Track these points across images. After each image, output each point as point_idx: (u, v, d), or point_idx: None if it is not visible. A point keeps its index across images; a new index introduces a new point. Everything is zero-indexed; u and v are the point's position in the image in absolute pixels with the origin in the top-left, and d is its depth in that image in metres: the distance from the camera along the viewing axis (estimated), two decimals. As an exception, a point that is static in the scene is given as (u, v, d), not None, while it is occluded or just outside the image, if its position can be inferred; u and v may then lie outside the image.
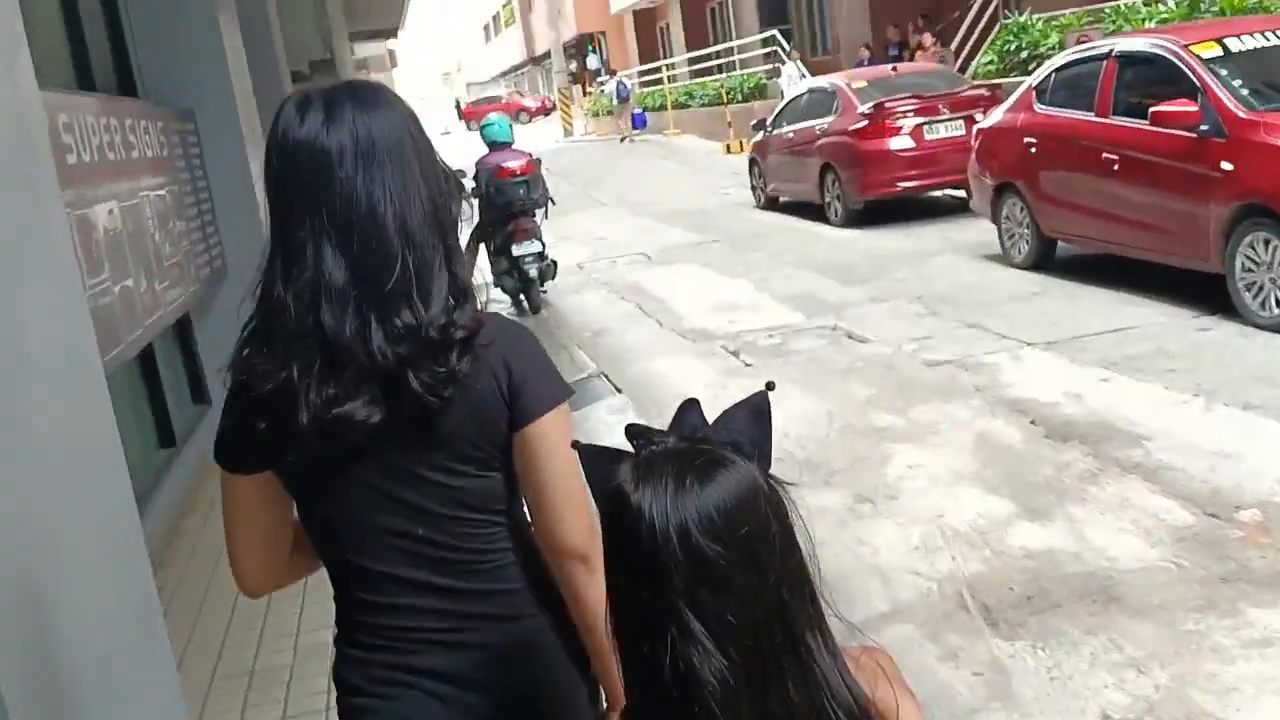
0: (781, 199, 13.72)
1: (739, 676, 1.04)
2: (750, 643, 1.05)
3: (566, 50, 40.34)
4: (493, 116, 9.99)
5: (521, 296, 9.53)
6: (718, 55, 28.98)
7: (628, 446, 1.14)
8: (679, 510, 1.04)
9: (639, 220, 14.68)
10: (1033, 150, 7.96)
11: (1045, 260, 8.16)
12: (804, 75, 20.26)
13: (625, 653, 1.11)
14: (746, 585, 1.05)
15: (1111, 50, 7.25)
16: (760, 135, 14.22)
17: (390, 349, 1.35)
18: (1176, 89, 6.54)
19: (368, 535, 1.48)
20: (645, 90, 31.51)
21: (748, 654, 1.04)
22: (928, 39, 17.70)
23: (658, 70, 32.47)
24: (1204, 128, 6.25)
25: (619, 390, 6.68)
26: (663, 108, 28.14)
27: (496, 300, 9.86)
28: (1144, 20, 11.01)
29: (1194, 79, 6.41)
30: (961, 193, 12.12)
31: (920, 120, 11.21)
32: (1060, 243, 8.07)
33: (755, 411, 1.20)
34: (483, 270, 9.76)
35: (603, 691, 1.58)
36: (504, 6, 57.47)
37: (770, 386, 1.23)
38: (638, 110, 28.41)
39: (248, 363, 1.41)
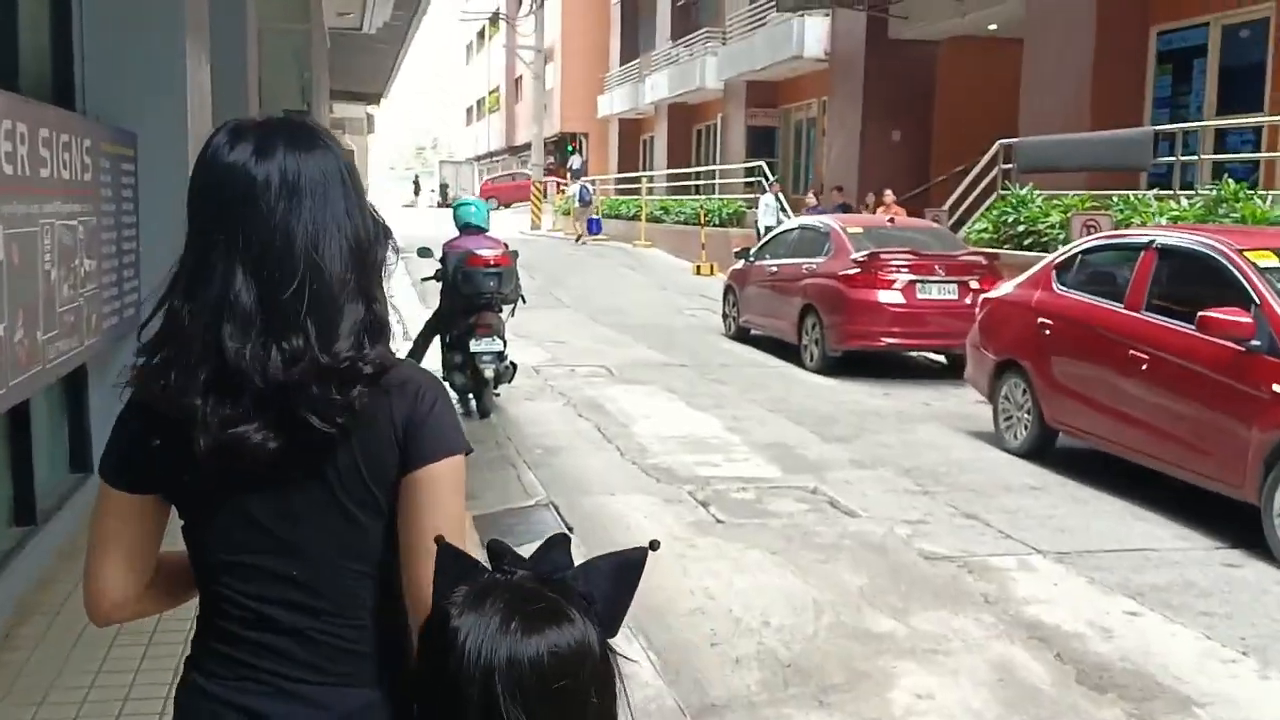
0: (753, 332, 13.12)
1: None
2: None
3: (547, 145, 40.20)
4: (469, 198, 9.28)
5: (471, 396, 8.67)
6: (698, 176, 28.96)
7: None
8: (492, 651, 1.01)
9: (601, 329, 13.97)
10: (1046, 332, 7.38)
11: (1043, 450, 7.52)
12: (782, 208, 20.04)
13: None
14: None
15: (1152, 242, 6.74)
16: (741, 263, 13.68)
17: (282, 372, 1.35)
18: (1223, 295, 6.00)
19: (243, 568, 1.44)
20: (621, 198, 31.27)
21: None
22: (889, 195, 17.52)
23: (636, 180, 32.38)
24: (1255, 343, 5.68)
25: (569, 528, 5.81)
26: (636, 217, 27.81)
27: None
28: (1154, 215, 10.69)
29: (1249, 288, 5.87)
30: (941, 358, 11.70)
31: (914, 277, 10.71)
32: (1061, 434, 7.46)
33: (623, 569, 1.12)
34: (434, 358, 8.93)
35: None
36: (490, 93, 57.69)
37: (654, 546, 1.15)
38: (595, 216, 29.25)
39: (146, 378, 1.40)
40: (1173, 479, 6.36)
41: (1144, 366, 6.40)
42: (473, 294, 8.33)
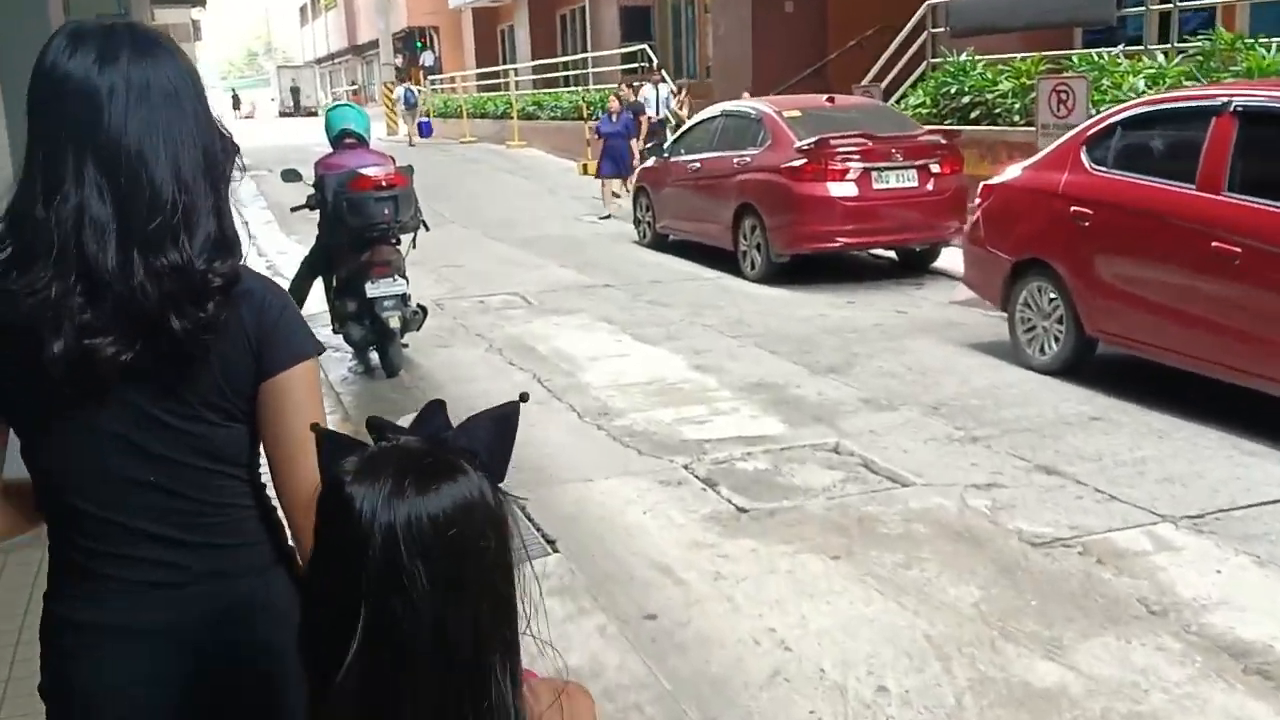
0: (671, 238, 11.59)
1: (410, 690, 1.03)
2: (431, 658, 1.03)
3: (394, 43, 37.15)
4: (344, 102, 7.43)
5: (373, 352, 6.96)
6: (567, 66, 26.88)
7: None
8: (389, 512, 1.03)
9: (500, 247, 12.23)
10: (1083, 223, 6.07)
11: (1078, 365, 6.29)
12: (677, 96, 18.34)
13: (311, 660, 1.08)
14: (442, 599, 1.02)
15: (1228, 104, 5.42)
16: (653, 161, 12.05)
17: (153, 286, 1.34)
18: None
19: (98, 479, 1.42)
20: (486, 95, 28.98)
21: (426, 669, 1.03)
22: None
23: (497, 75, 30.05)
24: None
25: (550, 541, 4.29)
26: (506, 116, 25.68)
27: (339, 349, 7.24)
28: (1126, 75, 9.48)
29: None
30: (890, 253, 10.43)
31: (868, 165, 9.29)
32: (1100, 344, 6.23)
33: (500, 421, 1.15)
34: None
35: None
36: (326, -12, 53.43)
37: (524, 398, 1.18)
38: (424, 119, 28.65)
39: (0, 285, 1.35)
40: (1247, 394, 5.19)
41: (1236, 262, 5.14)
42: (363, 225, 6.54)
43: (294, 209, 7.39)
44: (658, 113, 17.48)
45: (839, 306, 8.62)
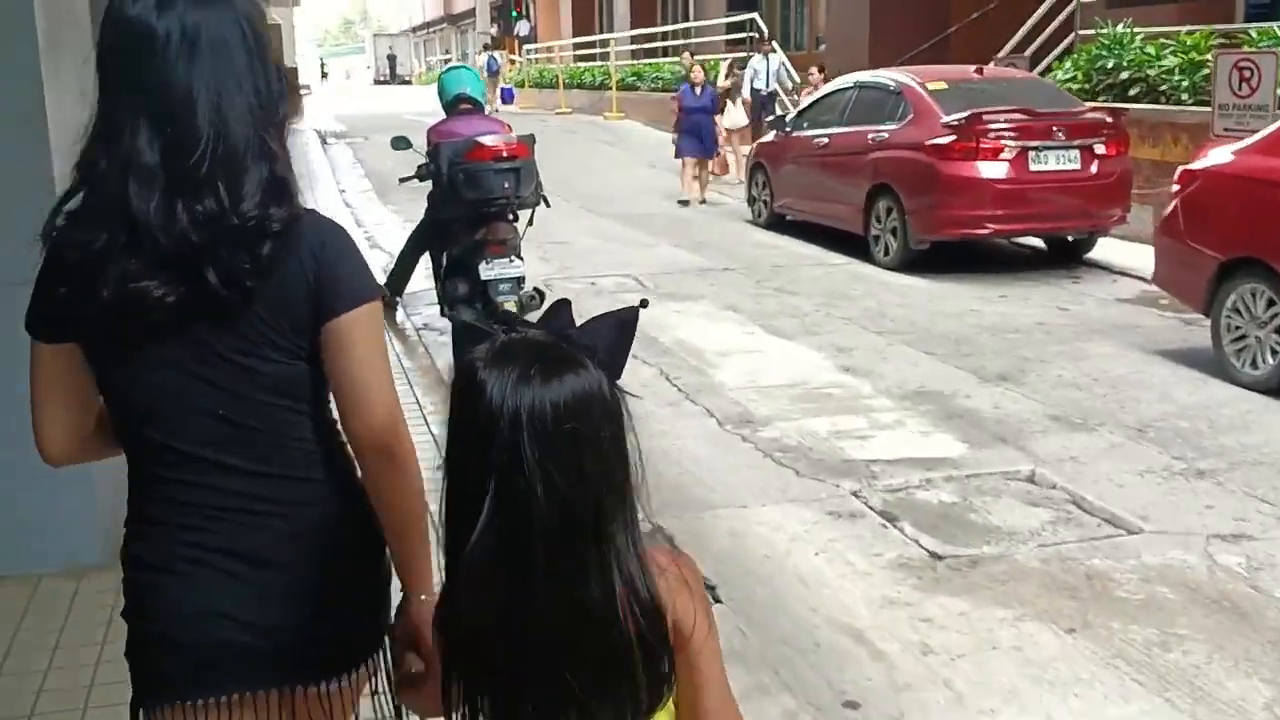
0: (788, 217, 10.76)
1: (538, 561, 1.10)
2: (556, 531, 1.10)
3: (490, 10, 36.65)
4: (460, 64, 6.76)
5: (484, 339, 6.31)
6: (665, 37, 26.03)
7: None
8: (516, 397, 1.10)
9: (603, 222, 11.53)
10: (1320, 218, 5.14)
11: (1303, 384, 5.37)
12: (786, 70, 17.40)
13: (450, 531, 1.16)
14: (563, 480, 1.09)
15: None
16: (773, 135, 11.21)
17: (192, 233, 1.37)
18: None
19: (168, 410, 1.47)
20: (583, 65, 28.27)
21: (552, 541, 1.10)
22: (815, 74, 14.36)
23: (593, 45, 29.33)
24: None
25: (711, 590, 3.56)
26: (604, 86, 24.95)
27: (444, 332, 6.62)
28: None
29: None
30: (1038, 242, 9.49)
31: (1025, 144, 8.36)
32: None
33: (620, 325, 1.21)
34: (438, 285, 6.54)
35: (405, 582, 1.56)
36: (422, -44, 53.17)
37: (644, 304, 1.28)
38: (506, 85, 28.88)
39: (61, 232, 1.42)
40: None
41: None
42: (480, 199, 5.86)
43: (403, 180, 6.74)
44: (767, 85, 16.57)
45: (991, 301, 7.74)
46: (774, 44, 17.94)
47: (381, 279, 6.33)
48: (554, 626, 1.11)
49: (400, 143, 6.63)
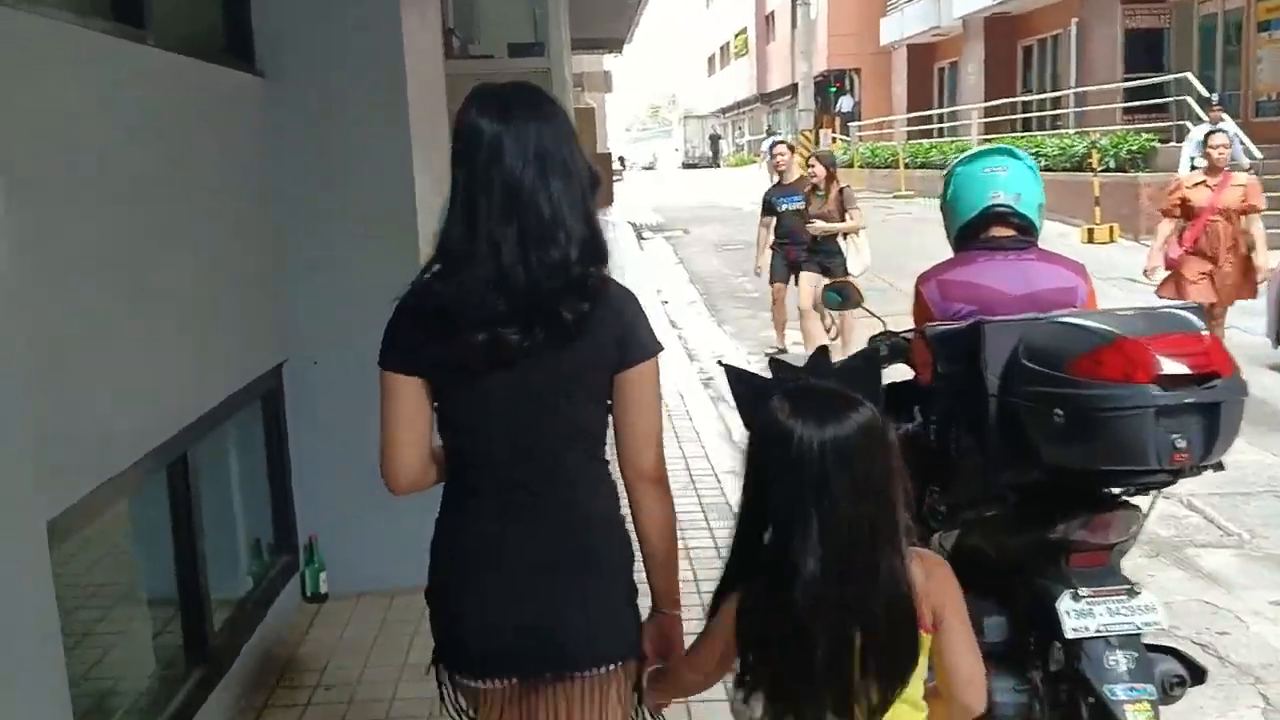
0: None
1: (831, 568, 1.53)
2: (846, 540, 1.52)
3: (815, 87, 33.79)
4: (995, 148, 3.43)
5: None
6: (1025, 108, 22.02)
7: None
8: (821, 435, 1.51)
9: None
10: None
11: None
12: (1242, 143, 13.04)
13: (741, 546, 1.67)
14: (855, 497, 1.51)
15: None
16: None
17: (546, 279, 1.73)
18: None
19: (487, 435, 1.81)
20: (930, 143, 24.61)
21: (843, 549, 1.52)
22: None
23: (930, 120, 25.76)
24: None
25: None
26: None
27: None
28: None
29: None
30: None
31: None
32: None
33: (868, 364, 1.74)
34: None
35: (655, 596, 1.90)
36: (737, 35, 51.38)
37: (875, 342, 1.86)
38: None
39: (427, 288, 1.79)
40: None
41: None
42: (1099, 462, 2.40)
43: (844, 365, 3.46)
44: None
45: None
46: (1222, 111, 13.63)
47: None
48: (860, 612, 1.55)
49: (840, 296, 3.38)
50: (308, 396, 3.85)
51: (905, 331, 3.45)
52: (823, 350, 1.67)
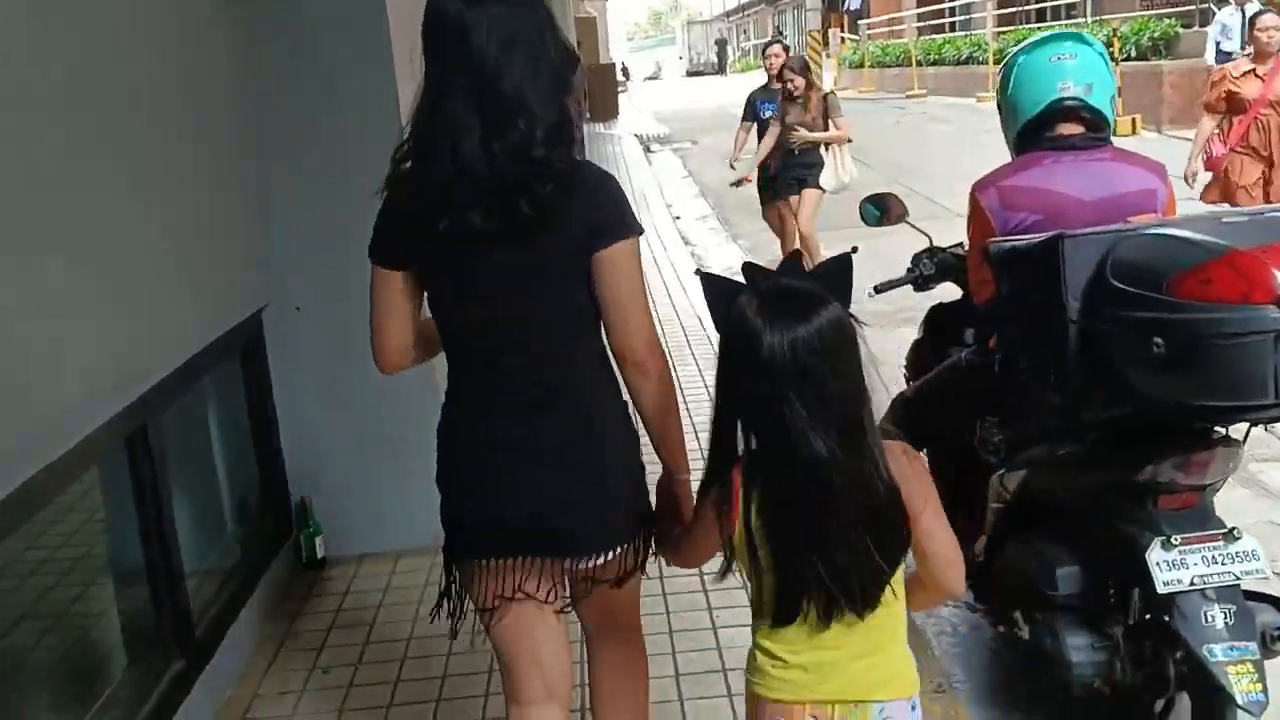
0: None
1: (835, 447, 1.58)
2: (837, 424, 1.58)
3: (818, -15, 32.72)
4: (1065, 33, 3.02)
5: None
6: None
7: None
8: (791, 332, 1.56)
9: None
10: None
11: None
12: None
13: (720, 429, 1.69)
14: (834, 386, 1.57)
15: None
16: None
17: (509, 169, 1.71)
18: None
19: (477, 320, 1.84)
20: (943, 38, 23.77)
21: (833, 429, 1.57)
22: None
23: (943, 14, 24.84)
24: None
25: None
26: (971, 61, 20.46)
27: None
28: None
29: None
30: None
31: None
32: None
33: (840, 269, 1.67)
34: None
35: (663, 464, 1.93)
36: (737, -66, 49.79)
37: (854, 250, 1.70)
38: None
39: (398, 183, 1.82)
40: None
41: None
42: (1196, 396, 2.03)
43: (877, 289, 3.08)
44: (1242, 48, 11.72)
45: None
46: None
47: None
48: (843, 489, 1.59)
49: (875, 208, 3.00)
50: (292, 346, 3.48)
51: (953, 246, 3.08)
52: (795, 254, 1.75)
